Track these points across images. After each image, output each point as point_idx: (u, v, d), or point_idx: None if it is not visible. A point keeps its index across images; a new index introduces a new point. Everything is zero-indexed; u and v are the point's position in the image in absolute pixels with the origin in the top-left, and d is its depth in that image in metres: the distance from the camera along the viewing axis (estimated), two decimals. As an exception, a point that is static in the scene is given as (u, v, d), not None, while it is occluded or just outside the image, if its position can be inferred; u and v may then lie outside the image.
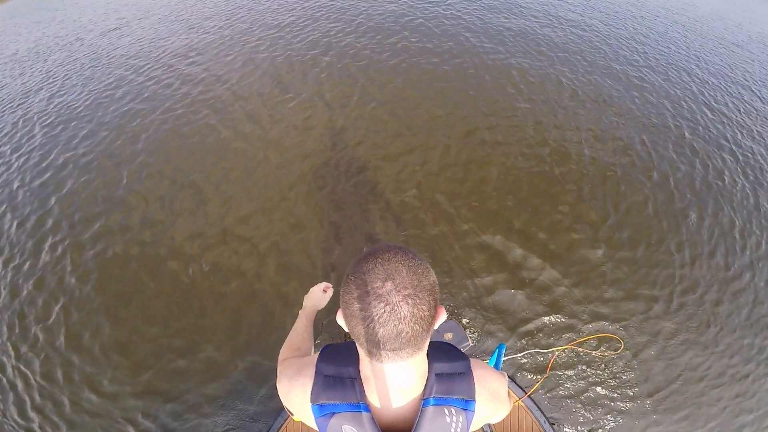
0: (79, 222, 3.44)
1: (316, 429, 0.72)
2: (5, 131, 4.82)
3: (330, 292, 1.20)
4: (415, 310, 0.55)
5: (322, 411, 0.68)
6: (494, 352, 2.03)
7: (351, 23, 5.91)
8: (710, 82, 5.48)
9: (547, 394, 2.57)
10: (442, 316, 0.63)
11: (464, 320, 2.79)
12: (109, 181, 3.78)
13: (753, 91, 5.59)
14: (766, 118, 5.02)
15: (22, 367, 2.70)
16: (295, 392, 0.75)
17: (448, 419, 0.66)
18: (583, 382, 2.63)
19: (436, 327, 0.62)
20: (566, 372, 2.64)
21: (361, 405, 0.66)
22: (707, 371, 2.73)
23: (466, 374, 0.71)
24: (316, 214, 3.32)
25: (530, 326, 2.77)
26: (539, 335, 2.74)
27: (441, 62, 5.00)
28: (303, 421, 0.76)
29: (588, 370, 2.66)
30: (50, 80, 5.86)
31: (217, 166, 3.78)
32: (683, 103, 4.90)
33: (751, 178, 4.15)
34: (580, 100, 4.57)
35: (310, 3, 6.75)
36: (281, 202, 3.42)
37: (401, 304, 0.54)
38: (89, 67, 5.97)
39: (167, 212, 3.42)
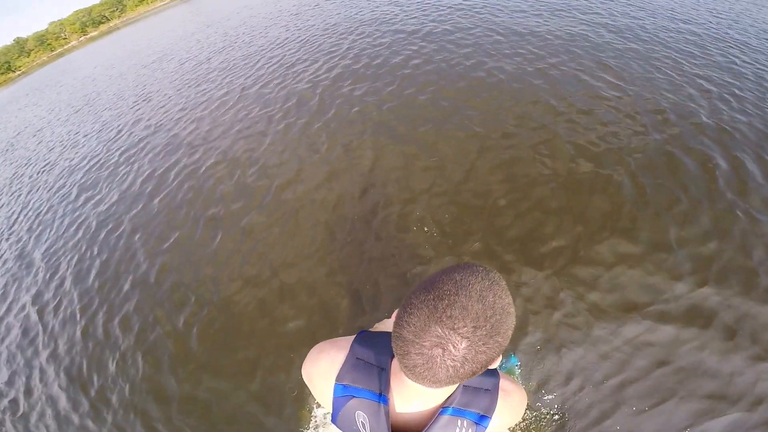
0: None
1: (321, 404, 0.74)
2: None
3: None
4: (453, 373, 0.51)
5: (344, 392, 0.69)
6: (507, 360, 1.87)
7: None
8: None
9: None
10: (495, 364, 0.56)
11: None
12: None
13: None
14: None
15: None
16: (322, 363, 0.75)
17: (458, 430, 0.67)
18: None
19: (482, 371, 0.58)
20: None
21: (382, 396, 0.66)
22: None
23: (492, 391, 0.70)
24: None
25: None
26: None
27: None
28: (314, 395, 0.76)
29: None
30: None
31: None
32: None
33: None
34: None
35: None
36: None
37: (440, 368, 0.50)
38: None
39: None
